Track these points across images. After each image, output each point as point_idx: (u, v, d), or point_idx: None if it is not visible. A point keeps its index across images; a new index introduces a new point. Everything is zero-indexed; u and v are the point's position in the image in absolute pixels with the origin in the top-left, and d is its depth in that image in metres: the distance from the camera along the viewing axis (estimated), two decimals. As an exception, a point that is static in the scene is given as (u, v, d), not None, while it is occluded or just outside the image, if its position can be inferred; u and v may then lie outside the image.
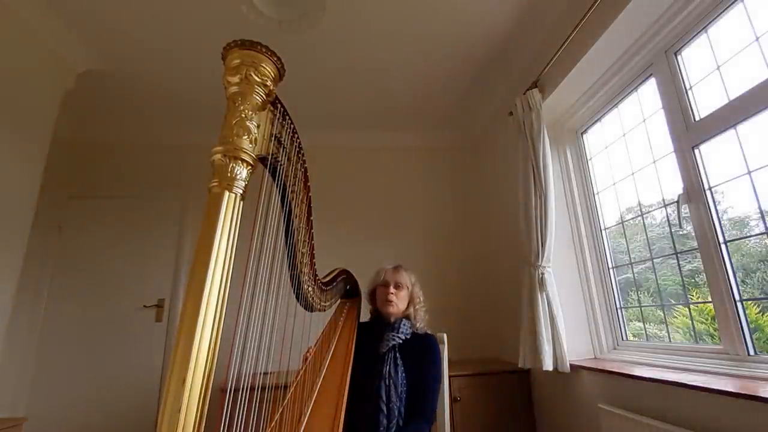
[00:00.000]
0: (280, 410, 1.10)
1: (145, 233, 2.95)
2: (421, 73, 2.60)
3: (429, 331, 1.57)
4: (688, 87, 1.57)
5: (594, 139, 2.21)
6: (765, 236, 1.34)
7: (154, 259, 2.91)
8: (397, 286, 1.54)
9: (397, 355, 1.42)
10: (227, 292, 0.63)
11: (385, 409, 1.30)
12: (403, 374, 1.39)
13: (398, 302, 1.53)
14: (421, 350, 1.46)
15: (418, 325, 1.53)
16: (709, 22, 1.49)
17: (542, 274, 1.95)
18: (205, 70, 2.46)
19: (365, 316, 1.85)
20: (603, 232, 2.10)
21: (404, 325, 1.50)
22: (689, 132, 1.53)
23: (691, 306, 1.62)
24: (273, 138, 0.79)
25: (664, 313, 1.76)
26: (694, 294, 1.62)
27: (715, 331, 1.50)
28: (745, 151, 1.35)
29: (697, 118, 1.52)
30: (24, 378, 2.57)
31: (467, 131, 3.35)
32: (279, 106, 0.79)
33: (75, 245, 2.86)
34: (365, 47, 2.32)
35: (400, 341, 1.45)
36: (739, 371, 1.32)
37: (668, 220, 1.70)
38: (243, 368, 0.82)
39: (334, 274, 1.52)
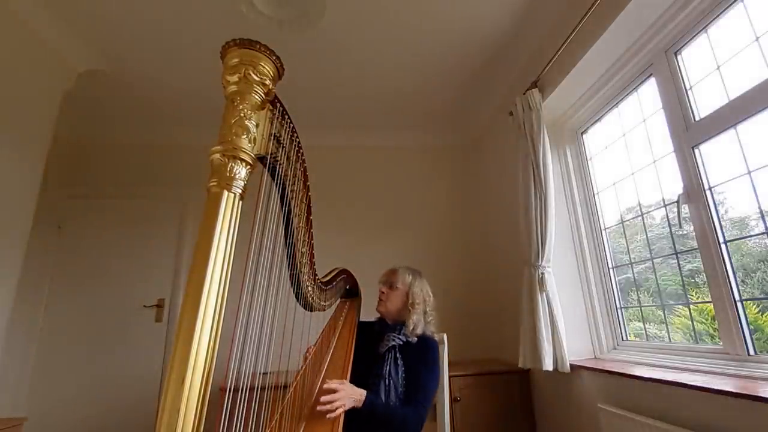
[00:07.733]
0: (280, 410, 1.10)
1: (145, 233, 2.95)
2: (421, 73, 2.60)
3: (431, 333, 1.54)
4: (688, 87, 1.57)
5: (594, 139, 2.21)
6: (765, 236, 1.34)
7: (154, 259, 2.91)
8: (391, 286, 1.55)
9: (398, 355, 1.42)
10: (227, 291, 0.63)
11: None
12: (403, 374, 1.39)
13: (387, 302, 1.53)
14: (419, 350, 1.45)
15: (417, 330, 1.48)
16: (709, 22, 1.48)
17: (542, 274, 1.95)
18: (204, 70, 2.46)
19: (365, 315, 1.85)
20: (603, 232, 2.10)
21: (405, 327, 1.49)
22: (689, 132, 1.53)
23: (691, 306, 1.62)
24: (272, 137, 0.78)
25: (664, 313, 1.75)
26: (694, 294, 1.61)
27: (715, 331, 1.49)
28: (745, 151, 1.34)
29: (697, 118, 1.52)
30: (24, 378, 2.56)
31: (467, 131, 3.35)
32: (278, 105, 0.79)
33: (75, 245, 2.85)
34: (365, 47, 2.32)
35: (401, 342, 1.45)
36: (739, 371, 1.32)
37: (668, 220, 1.70)
38: (243, 368, 0.82)
39: (333, 273, 1.52)
